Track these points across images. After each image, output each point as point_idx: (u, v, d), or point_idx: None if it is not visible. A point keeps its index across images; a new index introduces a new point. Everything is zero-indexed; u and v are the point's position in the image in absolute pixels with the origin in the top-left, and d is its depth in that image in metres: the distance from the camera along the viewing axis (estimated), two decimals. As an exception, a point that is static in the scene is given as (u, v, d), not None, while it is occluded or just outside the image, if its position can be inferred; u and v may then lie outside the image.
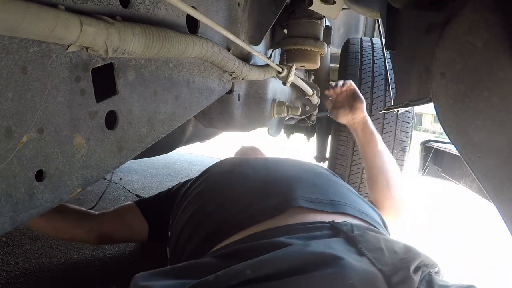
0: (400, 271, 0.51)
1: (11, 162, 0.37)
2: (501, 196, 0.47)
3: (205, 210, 0.81)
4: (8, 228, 0.38)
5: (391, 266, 0.51)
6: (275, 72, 1.08)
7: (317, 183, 0.82)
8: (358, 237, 0.57)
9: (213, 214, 0.77)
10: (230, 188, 0.85)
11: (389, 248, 0.56)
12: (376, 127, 1.87)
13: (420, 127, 27.45)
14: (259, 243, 0.58)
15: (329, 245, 0.54)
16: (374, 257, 0.52)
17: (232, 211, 0.74)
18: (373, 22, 2.82)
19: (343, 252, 0.52)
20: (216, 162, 1.11)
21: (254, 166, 0.95)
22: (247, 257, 0.53)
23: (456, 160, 1.42)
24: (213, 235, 0.71)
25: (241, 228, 0.67)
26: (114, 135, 0.52)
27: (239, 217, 0.70)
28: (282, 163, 0.99)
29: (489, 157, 0.47)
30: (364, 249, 0.54)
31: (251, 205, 0.73)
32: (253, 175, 0.89)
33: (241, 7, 0.95)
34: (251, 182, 0.85)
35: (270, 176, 0.86)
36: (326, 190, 0.79)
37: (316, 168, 1.00)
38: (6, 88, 0.36)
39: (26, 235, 1.31)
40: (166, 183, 2.39)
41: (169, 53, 0.55)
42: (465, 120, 0.48)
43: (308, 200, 0.72)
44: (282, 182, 0.81)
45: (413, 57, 0.84)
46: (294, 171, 0.90)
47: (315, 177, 0.87)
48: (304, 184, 0.80)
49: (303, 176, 0.85)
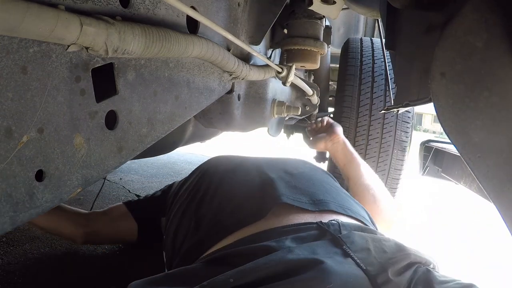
0: (386, 270, 0.51)
1: (11, 162, 0.37)
2: (501, 196, 0.47)
3: (197, 213, 0.82)
4: (8, 228, 0.38)
5: (377, 266, 0.51)
6: (275, 72, 1.08)
7: (298, 185, 0.83)
8: (344, 238, 0.57)
9: (203, 218, 0.79)
10: (219, 192, 0.87)
11: (377, 247, 0.56)
12: (376, 127, 1.89)
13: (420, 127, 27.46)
14: (246, 248, 0.59)
15: (313, 250, 0.54)
16: (359, 258, 0.53)
17: (221, 215, 0.76)
18: (373, 22, 2.82)
19: (326, 255, 0.53)
20: (208, 160, 1.12)
21: (243, 169, 0.97)
22: (234, 263, 0.54)
23: (456, 160, 1.42)
24: (205, 238, 0.72)
25: (231, 232, 0.68)
26: (114, 135, 0.52)
27: (227, 222, 0.72)
28: (269, 165, 0.99)
29: (489, 157, 0.47)
30: (349, 250, 0.54)
31: (239, 208, 0.75)
32: (241, 180, 0.90)
33: (241, 7, 0.95)
34: (239, 186, 0.87)
35: (257, 180, 0.88)
36: (307, 190, 0.80)
37: (299, 166, 1.00)
38: (6, 88, 0.36)
39: (26, 235, 1.31)
40: (166, 183, 2.37)
41: (169, 53, 0.55)
42: (465, 120, 0.48)
43: (291, 198, 0.74)
44: (267, 185, 0.82)
45: (413, 57, 0.84)
46: (278, 173, 0.90)
47: (296, 179, 0.88)
48: (286, 186, 0.81)
49: (285, 178, 0.86)
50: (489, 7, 0.46)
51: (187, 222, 0.82)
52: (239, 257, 0.57)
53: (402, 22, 0.95)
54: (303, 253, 0.53)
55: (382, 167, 1.92)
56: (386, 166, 1.92)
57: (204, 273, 0.55)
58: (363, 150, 1.91)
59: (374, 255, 0.54)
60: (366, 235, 0.60)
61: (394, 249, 0.57)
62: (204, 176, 0.98)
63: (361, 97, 1.90)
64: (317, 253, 0.53)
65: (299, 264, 0.50)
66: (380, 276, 0.50)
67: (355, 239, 0.58)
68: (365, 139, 1.89)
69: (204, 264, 0.59)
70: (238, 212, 0.73)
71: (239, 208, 0.75)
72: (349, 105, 1.91)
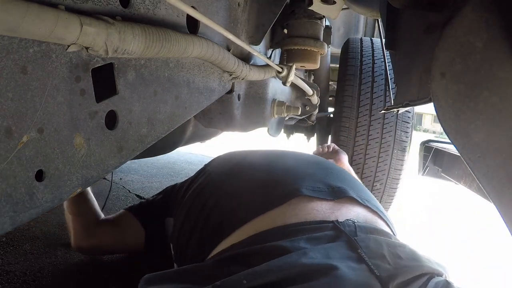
0: (398, 277, 0.51)
1: (11, 162, 0.37)
2: (501, 196, 0.47)
3: (207, 206, 0.81)
4: (8, 228, 0.38)
5: (391, 272, 0.51)
6: (275, 72, 1.08)
7: (316, 172, 0.82)
8: (359, 241, 0.57)
9: (215, 210, 0.77)
10: (231, 184, 0.85)
11: (392, 253, 0.56)
12: (376, 127, 1.89)
13: (420, 127, 27.45)
14: (260, 247, 0.58)
15: (327, 253, 0.54)
16: (373, 264, 0.52)
17: (233, 205, 0.74)
18: (373, 22, 2.82)
19: (341, 259, 0.52)
20: (215, 158, 1.11)
21: (254, 160, 0.96)
22: (247, 262, 0.54)
23: (456, 160, 1.42)
24: (216, 231, 0.71)
25: (244, 222, 0.67)
26: (114, 135, 0.52)
27: (241, 211, 0.70)
28: (281, 155, 0.99)
29: (489, 157, 0.47)
30: (364, 255, 0.54)
31: (253, 198, 0.73)
32: (253, 170, 0.89)
33: (241, 7, 0.95)
34: (252, 176, 0.85)
35: (270, 169, 0.86)
36: (326, 177, 0.79)
37: (313, 157, 1.00)
38: (6, 88, 0.36)
39: (26, 235, 1.31)
40: (166, 183, 2.38)
41: (169, 53, 0.55)
42: (465, 120, 0.48)
43: (310, 189, 0.72)
44: (283, 174, 0.81)
45: (413, 57, 0.84)
46: (293, 162, 0.90)
47: (313, 166, 0.88)
48: (304, 174, 0.80)
49: (302, 167, 0.86)
50: (489, 7, 0.46)
51: (198, 215, 0.81)
52: (253, 256, 0.56)
53: (402, 22, 0.95)
54: (317, 257, 0.52)
55: (382, 167, 1.92)
56: (386, 166, 1.91)
57: (216, 272, 0.54)
58: (363, 150, 1.91)
59: (388, 261, 0.54)
60: (382, 239, 0.60)
61: (410, 257, 0.56)
62: (213, 171, 0.98)
63: (361, 97, 1.90)
64: (331, 257, 0.53)
65: (313, 269, 0.50)
66: (392, 283, 0.50)
67: (370, 243, 0.57)
68: (365, 139, 1.89)
69: (217, 262, 0.59)
70: (253, 201, 0.72)
71: (253, 197, 0.73)
72: (349, 105, 1.91)
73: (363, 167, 1.93)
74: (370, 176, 1.94)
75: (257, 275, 0.49)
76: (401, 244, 0.60)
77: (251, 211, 0.68)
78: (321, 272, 0.49)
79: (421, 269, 0.55)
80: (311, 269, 0.50)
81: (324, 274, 0.49)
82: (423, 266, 0.56)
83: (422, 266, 0.56)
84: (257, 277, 0.49)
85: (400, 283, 0.51)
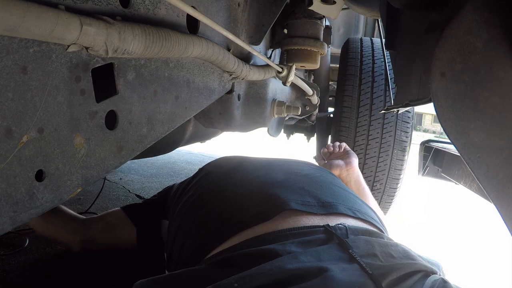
0: (391, 274, 0.51)
1: (11, 162, 0.37)
2: (501, 196, 0.47)
3: (199, 215, 0.81)
4: (8, 228, 0.38)
5: (384, 269, 0.51)
6: (275, 72, 1.08)
7: (305, 186, 0.81)
8: (350, 242, 0.57)
9: (206, 219, 0.78)
10: (222, 193, 0.85)
11: (384, 252, 0.56)
12: (376, 127, 1.89)
13: (420, 127, 27.45)
14: (251, 250, 0.58)
15: (318, 255, 0.54)
16: (365, 263, 0.52)
17: (225, 216, 0.74)
18: (373, 22, 2.82)
19: (332, 261, 0.52)
20: (211, 162, 1.11)
21: (246, 171, 0.95)
22: (239, 265, 0.54)
23: (456, 160, 1.42)
24: (207, 240, 0.71)
25: (234, 233, 0.67)
26: (114, 135, 0.52)
27: (231, 222, 0.71)
28: (272, 166, 0.98)
29: (489, 157, 0.47)
30: (356, 254, 0.54)
31: (244, 210, 0.73)
32: (244, 182, 0.89)
33: (241, 7, 0.95)
34: (244, 190, 0.85)
35: (261, 182, 0.86)
36: (316, 192, 0.78)
37: (305, 168, 0.98)
38: (6, 88, 0.36)
39: (26, 235, 1.31)
40: (166, 183, 2.38)
41: (169, 53, 0.55)
42: (465, 120, 0.48)
43: (300, 203, 0.72)
44: (273, 186, 0.81)
45: (413, 57, 0.84)
46: (284, 175, 0.89)
47: (304, 180, 0.86)
48: (294, 188, 0.79)
49: (292, 179, 0.85)
50: (489, 7, 0.46)
51: (190, 222, 0.82)
52: (244, 260, 0.56)
53: (402, 22, 0.95)
54: (308, 260, 0.53)
55: (382, 167, 1.92)
56: (386, 166, 1.92)
57: (208, 275, 0.54)
58: (363, 150, 1.91)
59: (380, 260, 0.54)
60: (373, 239, 0.60)
61: (402, 255, 0.56)
62: (208, 176, 0.98)
63: (361, 97, 1.90)
64: (322, 260, 0.53)
65: (303, 271, 0.50)
66: (385, 281, 0.50)
67: (361, 243, 0.57)
68: (365, 139, 1.89)
69: (209, 266, 0.59)
70: (243, 213, 0.72)
71: (244, 209, 0.74)
72: (349, 105, 1.91)
73: (363, 167, 1.93)
74: (370, 176, 1.94)
75: (248, 279, 0.49)
76: (393, 243, 0.60)
77: (239, 225, 0.69)
78: (312, 274, 0.50)
79: (414, 266, 0.55)
80: (302, 272, 0.50)
81: (314, 276, 0.49)
82: (416, 264, 0.56)
83: (415, 263, 0.56)
84: (248, 280, 0.49)
85: (393, 280, 0.51)
